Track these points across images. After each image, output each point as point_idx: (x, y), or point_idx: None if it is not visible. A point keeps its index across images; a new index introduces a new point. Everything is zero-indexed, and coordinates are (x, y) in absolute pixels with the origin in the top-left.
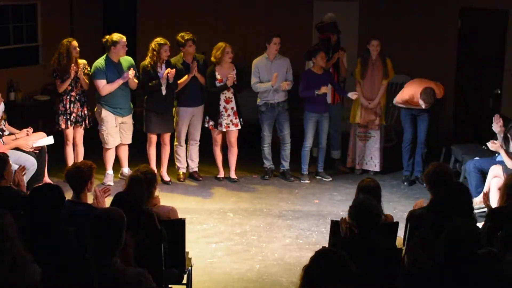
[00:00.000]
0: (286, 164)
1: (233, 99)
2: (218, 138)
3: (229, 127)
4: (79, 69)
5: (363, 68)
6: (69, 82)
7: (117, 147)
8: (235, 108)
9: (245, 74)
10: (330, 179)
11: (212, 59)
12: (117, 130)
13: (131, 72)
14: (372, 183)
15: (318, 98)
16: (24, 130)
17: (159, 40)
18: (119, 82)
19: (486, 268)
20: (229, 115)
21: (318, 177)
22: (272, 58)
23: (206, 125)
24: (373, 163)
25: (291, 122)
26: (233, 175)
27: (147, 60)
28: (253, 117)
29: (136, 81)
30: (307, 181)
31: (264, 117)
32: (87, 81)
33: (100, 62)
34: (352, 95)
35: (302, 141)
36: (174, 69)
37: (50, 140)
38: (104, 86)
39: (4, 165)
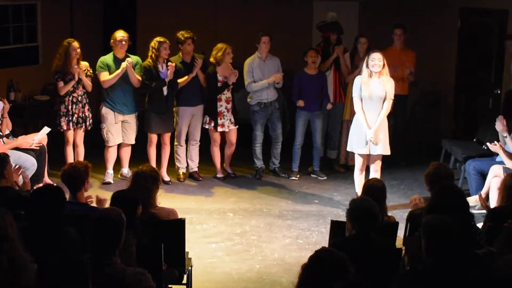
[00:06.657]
0: (276, 162)
1: (231, 99)
2: (217, 138)
3: (228, 126)
4: (82, 71)
5: (351, 65)
6: (72, 84)
7: (119, 147)
8: (232, 107)
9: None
10: (325, 177)
11: (212, 60)
12: (117, 128)
13: (124, 63)
14: (378, 183)
15: (309, 97)
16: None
17: (158, 38)
18: (118, 73)
19: (484, 268)
20: (228, 115)
21: (313, 175)
22: (264, 57)
23: (207, 127)
24: None
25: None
26: (228, 169)
27: (148, 60)
28: (246, 117)
29: (138, 77)
30: (294, 178)
31: (257, 116)
32: (89, 83)
33: (105, 57)
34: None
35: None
36: (174, 64)
37: (46, 129)
38: (105, 78)
39: (4, 165)
